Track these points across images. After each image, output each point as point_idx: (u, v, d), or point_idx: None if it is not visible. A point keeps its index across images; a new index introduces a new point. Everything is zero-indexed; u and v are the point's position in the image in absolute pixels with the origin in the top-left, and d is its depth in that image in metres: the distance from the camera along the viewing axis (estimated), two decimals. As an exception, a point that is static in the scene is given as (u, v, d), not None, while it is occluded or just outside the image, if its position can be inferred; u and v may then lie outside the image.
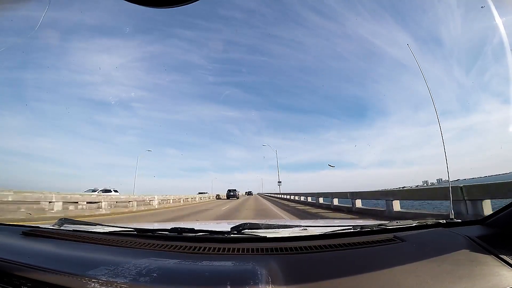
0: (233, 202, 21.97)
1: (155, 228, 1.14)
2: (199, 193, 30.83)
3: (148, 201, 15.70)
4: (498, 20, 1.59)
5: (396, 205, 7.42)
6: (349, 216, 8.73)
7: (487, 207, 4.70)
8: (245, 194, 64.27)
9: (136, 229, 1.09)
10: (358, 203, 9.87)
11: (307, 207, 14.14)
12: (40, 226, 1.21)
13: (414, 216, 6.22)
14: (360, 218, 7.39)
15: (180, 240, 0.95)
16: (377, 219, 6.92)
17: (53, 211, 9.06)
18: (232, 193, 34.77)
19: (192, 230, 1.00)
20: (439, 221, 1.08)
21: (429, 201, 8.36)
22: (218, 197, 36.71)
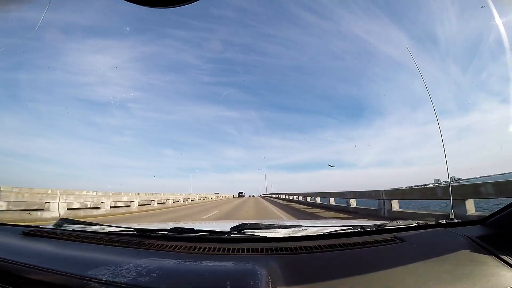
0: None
1: (155, 228, 1.13)
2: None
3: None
4: (498, 20, 1.59)
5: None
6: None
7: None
8: (249, 196, 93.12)
9: (136, 229, 1.09)
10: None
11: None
12: (40, 226, 1.21)
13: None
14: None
15: (180, 240, 0.95)
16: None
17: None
18: (241, 194, 70.55)
19: (192, 230, 1.00)
20: (439, 221, 1.07)
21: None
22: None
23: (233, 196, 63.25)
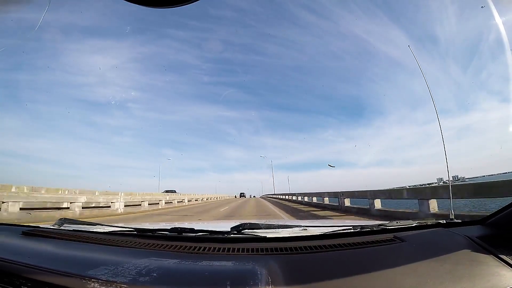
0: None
1: (155, 228, 1.14)
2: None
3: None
4: (498, 20, 1.59)
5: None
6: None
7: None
8: (249, 196, 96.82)
9: (136, 229, 1.09)
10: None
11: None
12: (40, 226, 1.21)
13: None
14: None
15: (180, 240, 0.95)
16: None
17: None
18: (242, 194, 72.08)
19: (192, 230, 1.00)
20: (439, 221, 1.07)
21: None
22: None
23: (235, 197, 63.75)
